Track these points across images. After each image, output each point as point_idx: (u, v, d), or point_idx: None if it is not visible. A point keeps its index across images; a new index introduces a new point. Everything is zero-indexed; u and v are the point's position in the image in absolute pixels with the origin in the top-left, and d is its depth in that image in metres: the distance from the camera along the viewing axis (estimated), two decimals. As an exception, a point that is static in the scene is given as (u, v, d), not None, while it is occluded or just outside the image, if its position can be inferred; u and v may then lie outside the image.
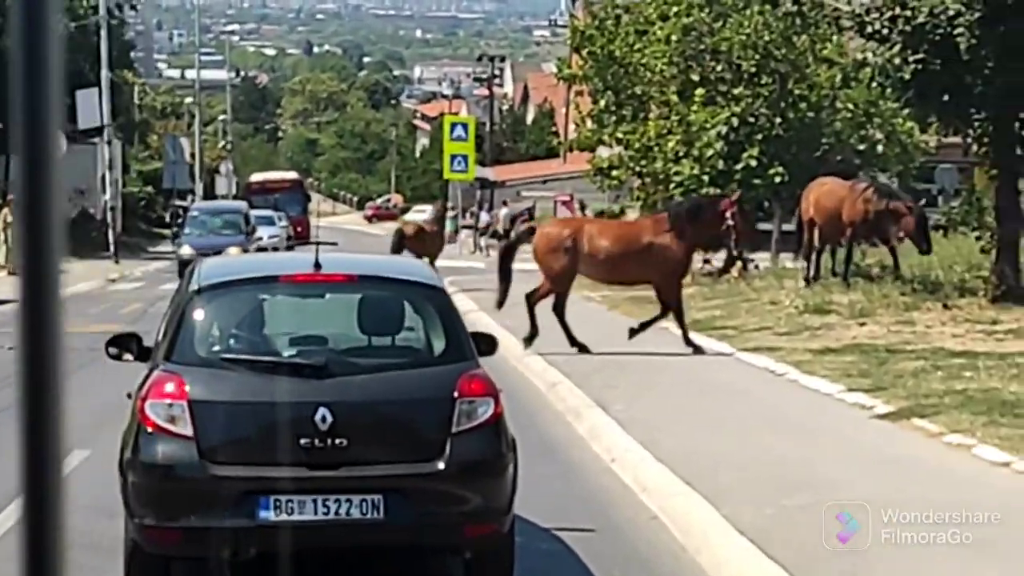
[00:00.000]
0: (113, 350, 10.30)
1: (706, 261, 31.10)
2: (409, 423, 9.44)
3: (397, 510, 8.82)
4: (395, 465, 9.00)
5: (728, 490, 11.48)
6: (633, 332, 21.25)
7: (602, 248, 20.99)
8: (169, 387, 8.92)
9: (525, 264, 41.75)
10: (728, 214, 21.72)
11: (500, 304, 22.82)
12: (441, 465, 8.90)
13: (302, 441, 8.70)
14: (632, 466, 13.29)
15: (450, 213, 59.72)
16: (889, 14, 23.05)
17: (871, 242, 29.42)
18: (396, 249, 35.77)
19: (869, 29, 24.17)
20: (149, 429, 8.77)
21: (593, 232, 21.50)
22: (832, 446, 13.71)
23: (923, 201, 38.63)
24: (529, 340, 21.51)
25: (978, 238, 27.08)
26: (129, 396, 9.26)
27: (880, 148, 39.46)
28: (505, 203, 64.36)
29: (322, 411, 8.72)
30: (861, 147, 38.83)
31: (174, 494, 8.80)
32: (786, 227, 38.49)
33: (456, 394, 9.06)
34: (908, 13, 22.75)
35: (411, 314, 10.00)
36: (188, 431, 8.68)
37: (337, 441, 8.77)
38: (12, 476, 1.56)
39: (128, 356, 10.10)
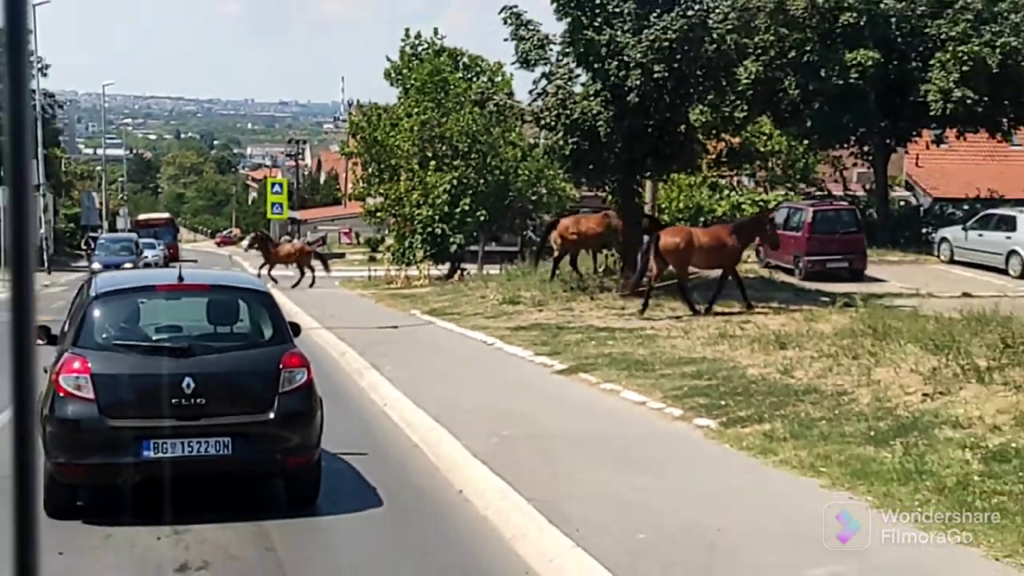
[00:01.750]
0: None
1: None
2: (249, 387, 8.96)
3: (241, 448, 8.50)
4: (239, 416, 8.63)
5: (465, 426, 10.83)
6: (708, 308, 20.57)
7: (705, 244, 21.05)
8: (76, 365, 8.39)
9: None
10: (767, 224, 22.92)
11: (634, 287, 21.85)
12: (271, 416, 8.61)
13: (173, 401, 8.34)
14: (399, 409, 12.56)
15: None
16: (556, 112, 22.80)
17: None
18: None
19: (543, 122, 23.87)
20: (61, 394, 8.27)
21: (699, 235, 21.86)
22: (530, 393, 13.14)
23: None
24: (708, 307, 20.63)
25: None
26: (45, 371, 8.44)
27: (545, 199, 39.65)
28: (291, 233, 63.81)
29: (187, 380, 8.40)
30: (534, 198, 38.98)
31: (80, 440, 8.28)
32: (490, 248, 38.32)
33: (281, 366, 8.81)
34: (568, 112, 22.55)
35: (246, 311, 9.67)
36: (91, 395, 8.25)
37: (198, 400, 8.45)
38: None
39: (39, 341, 9.12)
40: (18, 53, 1.19)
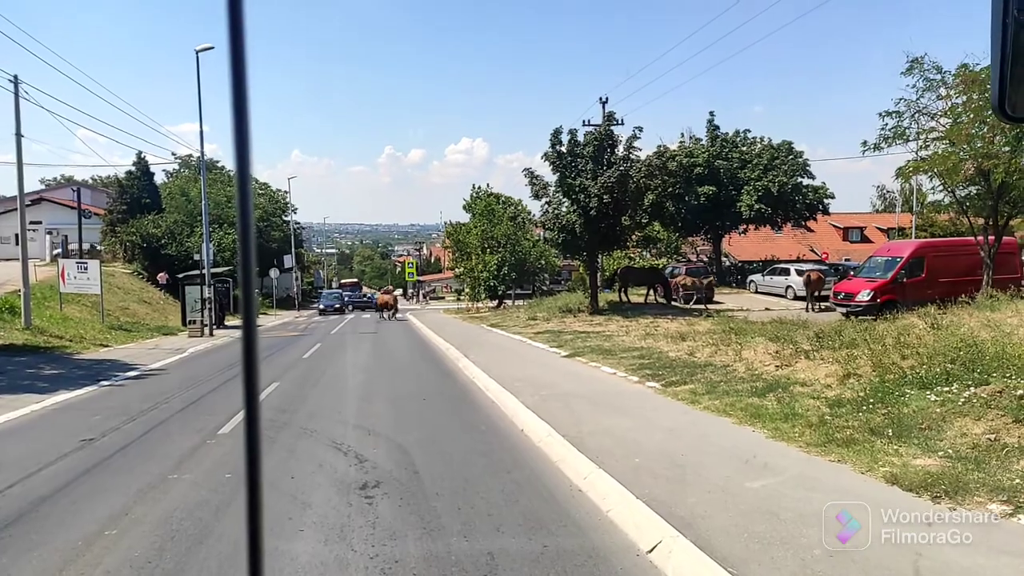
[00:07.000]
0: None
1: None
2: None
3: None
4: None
5: (519, 389, 9.47)
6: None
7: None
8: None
9: (442, 304, 39.04)
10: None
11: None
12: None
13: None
14: (480, 379, 11.13)
15: (409, 291, 57.56)
16: (552, 221, 21.73)
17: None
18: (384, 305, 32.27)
19: (545, 226, 22.88)
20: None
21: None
22: (550, 369, 11.72)
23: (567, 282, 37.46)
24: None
25: (583, 294, 25.56)
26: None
27: (543, 266, 38.03)
28: (416, 288, 60.80)
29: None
30: (539, 265, 37.35)
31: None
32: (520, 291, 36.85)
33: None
34: (558, 221, 21.45)
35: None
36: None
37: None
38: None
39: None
40: (246, 206, 0.88)
